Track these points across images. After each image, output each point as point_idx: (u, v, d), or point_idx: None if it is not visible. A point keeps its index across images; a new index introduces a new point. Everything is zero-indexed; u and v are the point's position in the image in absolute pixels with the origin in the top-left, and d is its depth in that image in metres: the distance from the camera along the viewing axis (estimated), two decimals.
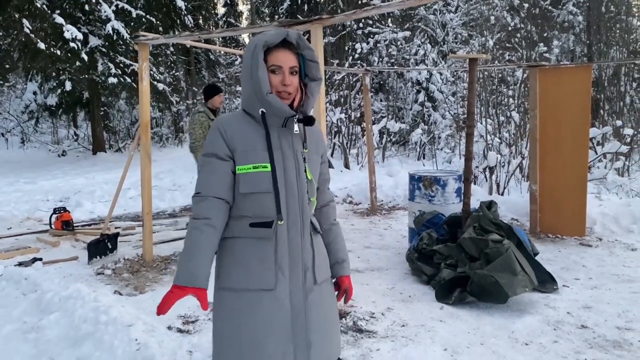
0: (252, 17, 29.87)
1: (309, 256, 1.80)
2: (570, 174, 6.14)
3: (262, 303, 1.73)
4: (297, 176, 1.78)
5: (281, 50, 1.77)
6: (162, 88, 16.03)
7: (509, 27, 15.08)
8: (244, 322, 1.73)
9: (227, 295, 1.78)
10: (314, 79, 1.83)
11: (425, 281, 4.58)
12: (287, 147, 1.78)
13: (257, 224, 1.76)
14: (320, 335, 1.80)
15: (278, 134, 1.78)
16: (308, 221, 1.82)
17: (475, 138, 9.21)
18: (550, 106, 6.21)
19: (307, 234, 1.81)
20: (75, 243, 6.07)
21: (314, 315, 1.79)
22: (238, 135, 1.77)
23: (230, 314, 1.76)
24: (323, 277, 1.86)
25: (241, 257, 1.76)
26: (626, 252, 5.57)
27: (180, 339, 3.36)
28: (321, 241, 1.93)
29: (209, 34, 5.00)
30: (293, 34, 1.78)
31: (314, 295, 1.80)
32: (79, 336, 3.33)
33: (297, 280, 1.77)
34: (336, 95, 15.57)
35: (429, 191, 5.46)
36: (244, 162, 1.75)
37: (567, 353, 3.25)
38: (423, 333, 3.54)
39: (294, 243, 1.77)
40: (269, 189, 1.73)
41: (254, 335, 1.72)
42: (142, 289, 4.50)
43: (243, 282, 1.75)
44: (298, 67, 1.80)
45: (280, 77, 1.75)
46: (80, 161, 15.87)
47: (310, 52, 1.81)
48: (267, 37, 1.76)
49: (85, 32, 14.30)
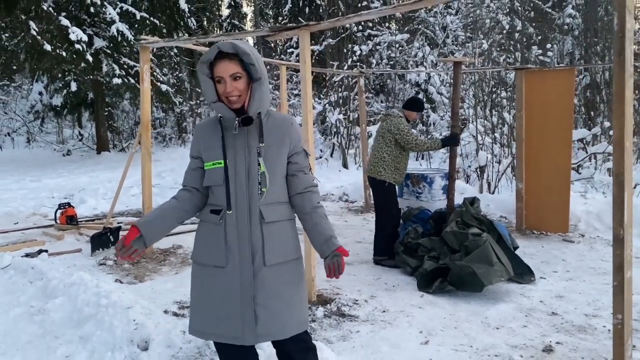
0: (255, 18, 30.15)
1: (258, 241, 2.04)
2: (554, 173, 6.37)
3: (217, 276, 2.07)
4: (248, 170, 2.04)
5: (221, 61, 1.99)
6: (165, 89, 16.30)
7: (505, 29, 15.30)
8: (207, 290, 2.10)
9: (196, 267, 2.16)
10: (256, 80, 2.03)
11: (409, 272, 4.83)
12: (240, 145, 2.05)
13: (213, 211, 2.10)
14: (269, 311, 2.05)
15: (233, 133, 2.07)
16: (257, 210, 2.04)
17: (468, 138, 9.46)
18: (536, 107, 6.46)
19: (255, 221, 2.04)
20: (79, 237, 6.35)
21: (262, 293, 2.04)
22: (205, 138, 2.13)
23: (195, 281, 2.16)
24: (276, 260, 2.07)
25: (203, 236, 2.14)
26: (606, 247, 5.79)
27: (175, 321, 3.61)
28: (274, 229, 2.08)
29: (206, 38, 5.27)
30: (225, 45, 1.99)
31: (262, 275, 2.04)
32: (81, 318, 3.59)
33: (246, 261, 2.04)
34: (335, 97, 15.83)
35: (416, 188, 5.71)
36: (207, 160, 2.10)
37: (534, 336, 3.50)
38: (402, 318, 3.79)
39: (241, 229, 2.04)
40: (222, 182, 2.05)
41: (212, 300, 2.08)
42: (142, 278, 4.77)
43: (204, 258, 2.12)
44: (244, 72, 2.01)
45: (223, 86, 2.00)
46: (84, 160, 16.18)
47: (247, 57, 1.98)
48: (205, 55, 2.03)
49: (90, 34, 14.59)
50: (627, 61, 2.35)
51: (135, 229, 2.06)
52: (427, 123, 15.71)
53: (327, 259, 2.09)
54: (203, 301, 2.11)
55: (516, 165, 6.86)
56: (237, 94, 2.00)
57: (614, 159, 2.44)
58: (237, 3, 31.97)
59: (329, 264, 2.08)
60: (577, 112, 12.66)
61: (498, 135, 9.96)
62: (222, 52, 1.99)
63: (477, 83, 11.47)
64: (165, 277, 4.84)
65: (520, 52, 14.31)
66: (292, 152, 2.14)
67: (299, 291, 2.17)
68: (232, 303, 2.04)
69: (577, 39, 17.31)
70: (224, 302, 2.05)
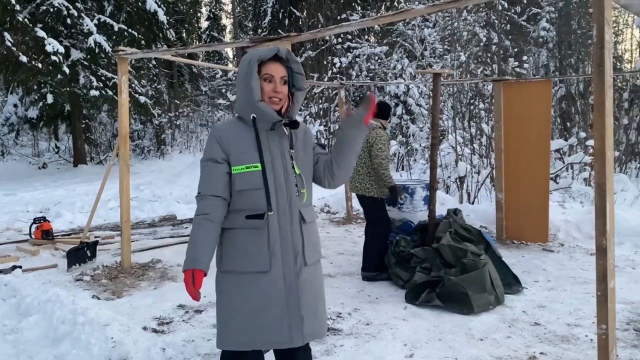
0: (235, 30, 30.17)
1: (299, 242, 2.08)
2: (533, 183, 6.44)
3: (260, 283, 2.03)
4: (285, 173, 2.07)
5: (273, 62, 2.08)
6: (143, 101, 16.15)
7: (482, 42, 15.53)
8: (246, 298, 2.04)
9: (231, 277, 2.08)
10: (299, 89, 2.15)
11: (400, 285, 4.76)
12: (275, 148, 2.08)
13: (251, 216, 2.05)
14: (312, 312, 2.09)
15: (267, 136, 2.08)
16: (297, 211, 2.09)
17: (448, 149, 9.53)
18: (514, 118, 6.53)
19: (296, 222, 2.08)
20: (55, 252, 6.19)
21: (305, 294, 2.07)
22: (232, 141, 2.07)
23: (234, 291, 2.07)
24: (312, 259, 2.13)
25: (240, 244, 2.07)
26: (585, 256, 5.86)
27: (154, 338, 3.53)
28: (311, 229, 2.16)
29: (185, 49, 5.22)
30: (283, 50, 2.11)
31: (305, 275, 2.08)
32: (57, 336, 3.48)
33: (289, 262, 2.05)
34: (316, 108, 15.85)
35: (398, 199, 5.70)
36: (238, 164, 2.04)
37: (518, 347, 3.49)
38: (386, 330, 3.76)
39: (284, 231, 2.05)
40: (260, 185, 2.03)
41: (254, 308, 2.03)
42: (120, 294, 4.66)
43: (243, 265, 2.05)
44: (287, 78, 2.11)
45: (272, 85, 2.06)
46: (61, 173, 15.89)
47: (297, 66, 2.13)
48: (260, 52, 2.08)
49: (67, 46, 14.42)
50: (607, 72, 2.38)
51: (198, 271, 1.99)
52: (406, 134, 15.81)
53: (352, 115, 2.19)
54: (242, 310, 2.04)
55: (495, 176, 6.92)
56: (282, 97, 2.08)
57: (595, 169, 2.46)
58: (216, 15, 32.01)
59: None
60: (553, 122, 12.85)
61: (477, 146, 10.06)
62: (277, 55, 2.07)
63: (455, 95, 11.59)
64: (144, 293, 4.73)
65: (497, 64, 14.53)
66: (314, 149, 2.26)
67: (324, 290, 2.25)
68: (277, 307, 2.03)
69: (552, 52, 17.67)
70: (269, 307, 2.03)
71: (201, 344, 3.53)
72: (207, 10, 31.69)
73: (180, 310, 4.23)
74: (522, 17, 18.62)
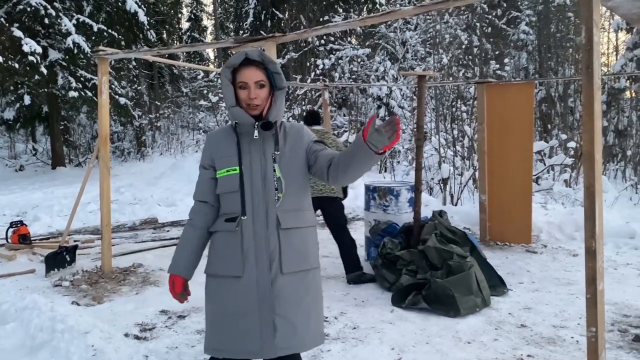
0: (216, 32, 29.96)
1: (275, 248, 2.00)
2: (516, 185, 6.47)
3: (234, 287, 1.99)
4: (263, 176, 2.02)
5: (246, 68, 2.01)
6: (124, 102, 15.93)
7: (464, 45, 15.64)
8: (222, 302, 2.01)
9: (209, 280, 2.11)
10: (280, 88, 2.08)
11: (386, 288, 4.73)
12: (256, 151, 2.04)
13: (228, 219, 2.04)
14: (288, 323, 1.98)
15: (249, 140, 2.04)
16: (273, 216, 2.01)
17: (431, 151, 9.56)
18: (497, 120, 6.56)
19: (272, 228, 2.00)
20: (33, 256, 6.04)
21: (282, 303, 1.98)
22: (219, 146, 2.10)
23: (211, 295, 2.07)
24: (293, 268, 2.01)
25: (218, 247, 2.07)
26: (568, 257, 5.90)
27: (137, 345, 3.44)
28: (293, 236, 2.03)
29: (167, 49, 5.13)
30: (253, 52, 2.03)
31: (281, 284, 1.99)
32: (34, 345, 3.37)
33: (263, 269, 1.99)
34: (299, 110, 15.80)
35: (383, 201, 5.69)
36: (221, 167, 2.06)
37: (505, 350, 3.48)
38: (373, 334, 3.72)
39: (258, 236, 2.00)
40: (237, 188, 2.01)
41: (229, 314, 1.99)
42: (100, 300, 4.54)
43: (219, 269, 2.04)
44: (267, 80, 2.02)
45: (247, 92, 2.01)
46: (38, 176, 15.57)
47: (274, 65, 2.05)
48: (231, 60, 2.04)
49: (45, 46, 14.15)
50: (596, 74, 2.37)
51: (177, 277, 2.11)
52: None
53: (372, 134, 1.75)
54: (219, 316, 2.03)
55: (479, 178, 6.94)
56: (259, 101, 2.01)
57: (584, 171, 2.45)
58: (197, 16, 31.77)
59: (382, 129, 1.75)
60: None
61: (460, 148, 10.11)
62: (249, 58, 2.00)
63: (437, 97, 11.64)
64: (126, 298, 4.62)
65: (479, 67, 14.65)
66: (308, 149, 2.11)
67: (318, 302, 2.12)
68: (250, 315, 1.97)
69: (531, 55, 17.89)
70: (242, 315, 1.97)
71: (185, 350, 3.45)
72: (188, 11, 31.46)
73: (163, 315, 4.14)
74: (502, 20, 18.83)
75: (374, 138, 1.74)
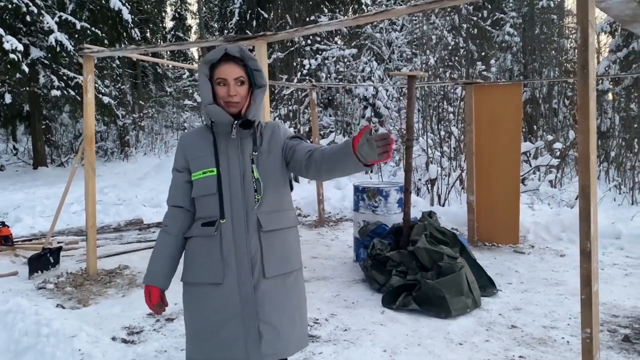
0: (200, 31, 29.76)
1: (256, 251, 1.92)
2: (504, 186, 6.50)
3: (214, 294, 1.91)
4: (242, 177, 1.93)
5: (226, 64, 1.92)
6: (107, 101, 15.72)
7: (450, 46, 15.73)
8: (202, 311, 1.92)
9: (186, 288, 2.01)
10: (260, 86, 2.00)
11: (376, 289, 4.71)
12: (233, 151, 1.94)
13: (205, 223, 1.94)
14: (272, 329, 1.91)
15: (226, 140, 1.95)
16: (253, 219, 1.92)
17: (418, 152, 9.57)
18: (485, 121, 6.58)
19: (253, 230, 1.92)
20: (15, 258, 5.91)
21: (265, 308, 1.91)
22: (193, 147, 2.00)
23: (189, 304, 1.98)
24: (276, 271, 1.94)
25: (195, 254, 1.97)
26: (556, 258, 5.94)
27: (124, 349, 3.37)
28: (275, 238, 1.96)
29: (155, 47, 5.06)
30: (233, 48, 1.94)
31: (265, 288, 1.92)
32: (19, 349, 3.28)
33: (245, 273, 1.90)
34: (285, 110, 15.74)
35: (372, 202, 5.66)
36: (196, 169, 1.96)
37: (497, 351, 3.47)
38: (364, 336, 3.69)
39: (239, 240, 1.91)
40: (214, 190, 1.91)
41: (209, 322, 1.91)
42: (86, 302, 4.45)
43: (197, 276, 1.95)
44: (246, 77, 1.95)
45: (225, 89, 1.92)
46: (19, 176, 15.30)
47: (254, 62, 1.97)
48: (209, 55, 1.94)
49: (27, 44, 13.90)
50: (591, 74, 2.37)
51: (153, 288, 2.01)
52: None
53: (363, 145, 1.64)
54: (200, 325, 1.93)
55: (467, 178, 6.96)
56: (239, 99, 1.92)
57: (579, 172, 2.45)
58: (181, 15, 31.53)
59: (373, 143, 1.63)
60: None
61: (447, 148, 10.13)
62: (228, 54, 1.92)
63: (424, 98, 11.66)
64: (112, 301, 4.54)
65: (465, 68, 14.72)
66: (284, 145, 2.02)
67: (301, 304, 2.06)
68: (232, 322, 1.89)
69: (516, 56, 18.05)
70: (224, 323, 1.89)
71: (174, 354, 3.39)
72: (172, 10, 31.23)
73: (150, 318, 4.07)
74: (487, 22, 18.97)
75: (364, 150, 1.63)
